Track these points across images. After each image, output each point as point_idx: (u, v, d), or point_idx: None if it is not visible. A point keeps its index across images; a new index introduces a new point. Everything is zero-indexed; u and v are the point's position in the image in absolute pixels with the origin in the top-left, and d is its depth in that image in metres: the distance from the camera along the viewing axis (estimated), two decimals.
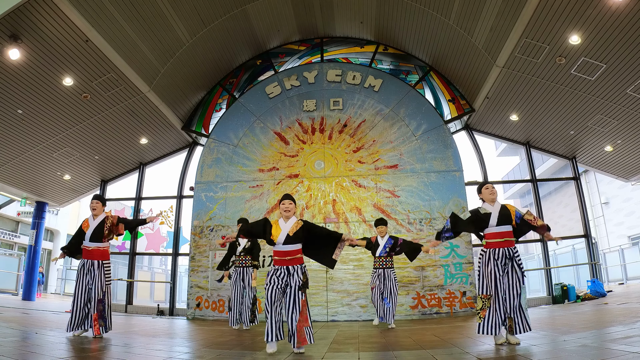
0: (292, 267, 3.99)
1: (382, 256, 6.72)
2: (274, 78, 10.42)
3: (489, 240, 4.16)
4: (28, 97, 7.93)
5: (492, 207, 4.23)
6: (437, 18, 8.71)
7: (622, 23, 6.44)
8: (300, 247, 4.10)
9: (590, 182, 19.56)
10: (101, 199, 5.23)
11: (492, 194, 4.29)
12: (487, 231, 4.18)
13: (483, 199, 4.36)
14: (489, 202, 4.28)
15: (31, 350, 3.56)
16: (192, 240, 9.57)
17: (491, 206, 4.24)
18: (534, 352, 3.33)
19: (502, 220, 4.13)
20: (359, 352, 3.97)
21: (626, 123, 8.62)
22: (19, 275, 15.03)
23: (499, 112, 9.68)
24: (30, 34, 6.76)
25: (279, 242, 4.05)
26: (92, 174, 11.21)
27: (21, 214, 18.71)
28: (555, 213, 19.16)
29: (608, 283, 14.19)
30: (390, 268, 6.70)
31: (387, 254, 6.70)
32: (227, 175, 9.83)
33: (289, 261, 4.01)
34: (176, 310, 10.06)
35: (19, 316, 7.18)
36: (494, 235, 4.13)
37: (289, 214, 4.19)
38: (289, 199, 4.28)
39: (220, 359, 3.56)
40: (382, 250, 6.71)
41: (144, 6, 7.61)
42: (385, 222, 6.95)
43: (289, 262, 4.00)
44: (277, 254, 4.07)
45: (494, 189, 4.35)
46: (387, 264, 6.69)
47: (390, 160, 9.51)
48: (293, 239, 4.05)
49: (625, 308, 6.43)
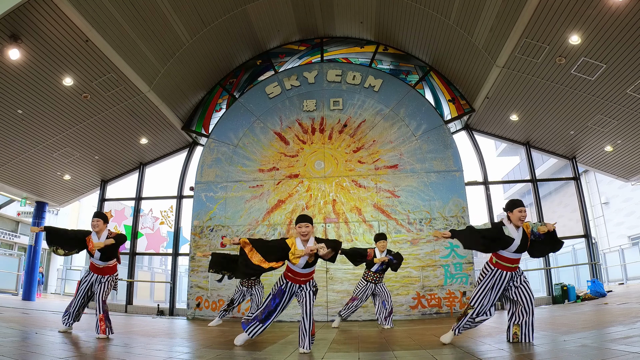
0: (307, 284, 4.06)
1: (378, 272, 6.72)
2: (274, 78, 10.41)
3: (499, 261, 4.09)
4: (28, 97, 7.93)
5: (516, 233, 4.06)
6: (437, 18, 8.71)
7: (622, 23, 6.43)
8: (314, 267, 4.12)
9: (590, 182, 19.55)
10: (102, 217, 5.17)
11: (522, 219, 4.07)
12: (502, 253, 4.08)
13: (511, 219, 4.10)
14: (515, 226, 4.08)
15: (31, 350, 3.56)
16: (192, 240, 9.57)
17: (516, 231, 4.06)
18: (534, 352, 3.33)
19: (521, 249, 4.06)
20: (359, 352, 3.97)
21: (626, 123, 8.62)
22: (19, 275, 15.03)
23: (499, 112, 9.68)
24: (30, 34, 6.76)
25: (298, 265, 4.02)
26: (92, 174, 11.21)
27: (21, 214, 18.69)
28: (555, 213, 19.13)
29: (608, 283, 14.18)
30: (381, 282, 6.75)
31: (383, 270, 6.74)
32: (227, 175, 9.83)
33: (303, 281, 4.06)
34: (176, 310, 10.06)
35: (19, 316, 7.17)
36: (507, 260, 4.06)
37: (306, 237, 4.03)
38: (306, 221, 4.05)
39: (220, 359, 3.56)
40: (378, 266, 6.69)
41: (144, 6, 7.61)
42: (385, 237, 6.87)
43: (302, 282, 4.06)
44: (293, 273, 4.07)
45: (526, 212, 4.10)
46: (378, 280, 6.72)
47: (390, 160, 9.51)
48: (312, 264, 4.05)
49: (625, 308, 6.43)
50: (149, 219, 10.97)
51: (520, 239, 4.02)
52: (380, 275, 6.74)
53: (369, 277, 6.72)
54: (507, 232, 4.05)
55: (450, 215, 9.02)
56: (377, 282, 6.72)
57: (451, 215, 9.01)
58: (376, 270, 6.71)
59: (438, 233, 4.22)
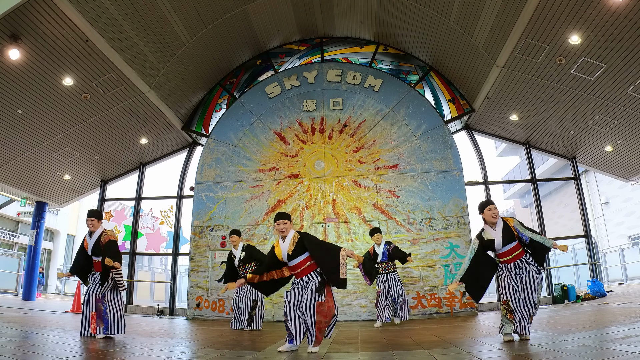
0: (306, 276, 4.11)
1: (384, 262, 7.03)
2: (274, 78, 10.41)
3: (501, 258, 4.29)
4: (28, 97, 7.93)
5: (494, 231, 4.22)
6: (437, 18, 8.71)
7: (622, 23, 6.43)
8: (305, 257, 4.14)
9: (590, 182, 19.56)
10: (96, 215, 5.19)
11: (495, 216, 4.23)
12: (497, 252, 4.29)
13: (485, 219, 4.29)
14: (491, 225, 4.25)
15: (31, 350, 3.56)
16: (192, 240, 9.57)
17: (493, 230, 4.23)
18: (534, 352, 3.33)
19: (506, 240, 4.19)
20: (359, 352, 3.97)
21: (626, 123, 8.62)
22: (19, 275, 15.04)
23: (499, 112, 9.68)
24: (30, 34, 6.76)
25: (284, 260, 4.21)
26: (92, 174, 11.21)
27: (21, 214, 18.70)
28: (555, 213, 19.14)
29: (608, 283, 14.19)
30: (393, 272, 7.01)
31: (388, 259, 6.97)
32: (227, 175, 9.83)
33: (301, 272, 4.13)
34: (176, 310, 10.06)
35: (19, 316, 7.17)
36: (504, 254, 4.25)
37: (284, 234, 4.22)
38: (282, 218, 4.25)
39: (220, 359, 3.56)
40: (382, 256, 7.02)
41: (144, 6, 7.61)
42: (379, 230, 7.27)
43: (301, 274, 4.13)
44: (290, 269, 4.25)
45: (496, 209, 4.26)
46: (389, 269, 7.04)
47: (390, 160, 9.51)
48: (294, 255, 4.13)
49: (625, 308, 6.43)
50: (149, 219, 10.97)
51: (501, 234, 4.19)
52: (388, 265, 6.98)
53: (379, 269, 7.06)
54: (486, 237, 4.25)
55: (450, 215, 9.02)
56: (388, 272, 6.94)
57: (451, 215, 9.01)
58: (381, 260, 7.02)
59: (452, 286, 4.35)
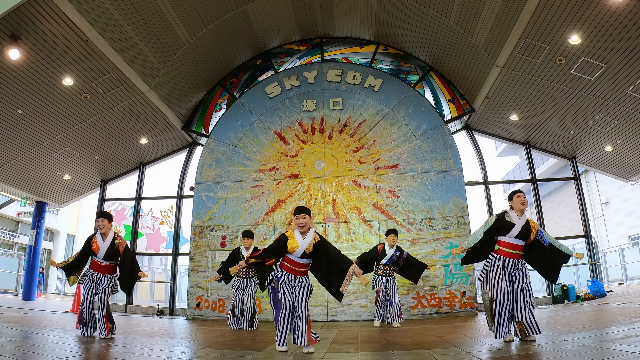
0: (300, 277, 4.05)
1: (387, 265, 7.02)
2: (274, 78, 10.41)
3: (501, 247, 4.20)
4: (28, 97, 7.93)
5: (518, 219, 4.21)
6: (437, 18, 8.71)
7: (622, 23, 6.43)
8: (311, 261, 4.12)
9: (590, 182, 19.56)
10: (107, 216, 5.13)
11: (523, 203, 4.23)
12: (503, 239, 4.20)
13: (512, 207, 4.30)
14: (517, 212, 4.25)
15: (31, 350, 3.56)
16: (192, 240, 9.57)
17: (518, 217, 4.22)
18: (534, 352, 3.33)
19: (522, 235, 4.16)
20: (359, 352, 3.97)
21: (626, 123, 8.62)
22: (19, 275, 15.04)
23: (499, 112, 9.68)
24: (30, 34, 6.76)
25: (295, 254, 4.03)
26: (92, 174, 11.21)
27: (21, 214, 18.69)
28: (555, 213, 19.13)
29: (608, 283, 14.18)
30: (392, 276, 7.05)
31: (392, 264, 6.99)
32: (227, 175, 9.83)
33: (300, 272, 4.07)
34: (176, 310, 10.06)
35: (19, 316, 7.17)
36: (509, 245, 4.18)
37: (304, 229, 4.05)
38: (302, 212, 4.08)
39: (220, 359, 3.56)
40: (388, 260, 6.99)
41: (144, 6, 7.60)
42: (396, 232, 7.17)
43: (299, 273, 4.06)
44: (290, 263, 4.06)
45: (525, 198, 4.28)
46: (389, 273, 7.03)
47: (390, 160, 9.51)
48: (309, 255, 4.06)
49: (625, 308, 6.43)
50: (149, 219, 10.97)
51: (522, 226, 4.16)
52: (390, 269, 6.98)
53: (379, 270, 7.05)
54: (508, 219, 4.22)
55: (450, 215, 9.02)
56: (389, 275, 6.93)
57: (451, 215, 9.01)
58: (385, 263, 6.98)
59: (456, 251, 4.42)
